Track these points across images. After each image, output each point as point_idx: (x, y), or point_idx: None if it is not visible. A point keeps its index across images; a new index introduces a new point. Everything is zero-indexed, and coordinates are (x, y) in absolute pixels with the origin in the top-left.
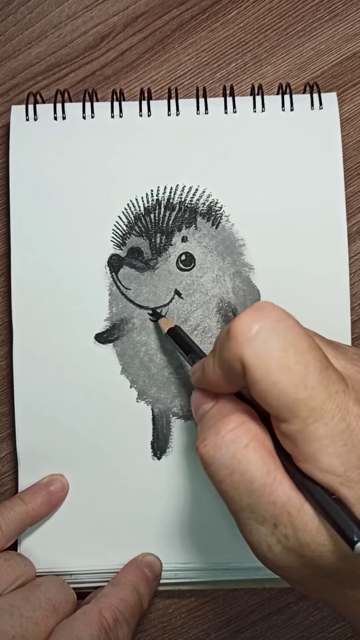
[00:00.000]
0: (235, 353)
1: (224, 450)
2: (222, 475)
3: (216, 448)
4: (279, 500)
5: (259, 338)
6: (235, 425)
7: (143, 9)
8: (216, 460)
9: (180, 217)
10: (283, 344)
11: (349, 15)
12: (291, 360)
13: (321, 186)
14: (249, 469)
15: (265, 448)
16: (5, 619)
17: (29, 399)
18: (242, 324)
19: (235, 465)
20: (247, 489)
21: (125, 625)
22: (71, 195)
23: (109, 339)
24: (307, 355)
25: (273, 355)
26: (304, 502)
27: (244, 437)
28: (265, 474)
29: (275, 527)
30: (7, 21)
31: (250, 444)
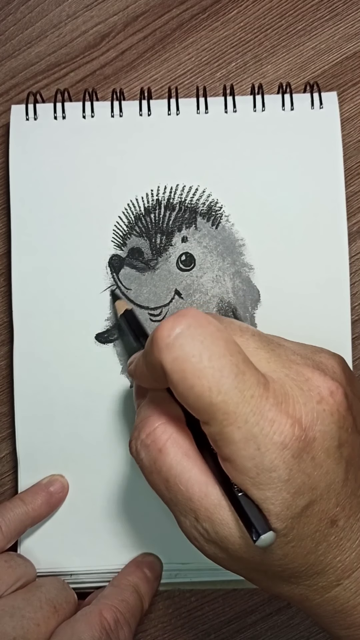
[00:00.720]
0: (156, 357)
1: (143, 453)
2: (144, 473)
3: (137, 450)
4: (195, 496)
5: (176, 344)
6: (152, 428)
7: (143, 8)
8: (139, 460)
9: (180, 217)
10: (199, 349)
11: (350, 15)
12: (205, 365)
13: (321, 186)
14: (162, 469)
15: (179, 448)
16: (6, 620)
17: (29, 399)
18: (163, 330)
19: (152, 466)
20: (165, 486)
21: (126, 626)
22: (71, 195)
23: (109, 338)
24: (222, 360)
25: (188, 361)
26: (222, 498)
27: (159, 440)
28: (179, 473)
29: (196, 520)
30: (7, 20)
31: (165, 445)
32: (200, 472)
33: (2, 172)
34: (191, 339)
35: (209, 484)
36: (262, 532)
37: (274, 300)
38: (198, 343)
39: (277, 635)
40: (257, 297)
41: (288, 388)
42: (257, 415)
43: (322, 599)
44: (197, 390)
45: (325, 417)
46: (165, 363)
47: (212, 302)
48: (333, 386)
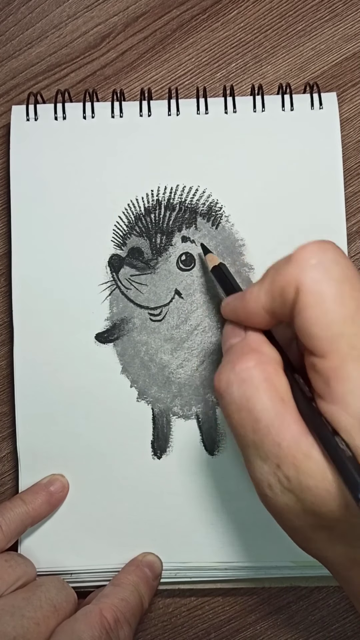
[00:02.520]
0: (292, 277)
1: (235, 387)
2: (230, 410)
3: (229, 383)
4: (285, 442)
5: (321, 266)
6: (251, 365)
7: (143, 9)
8: (227, 395)
9: (181, 218)
10: (342, 277)
11: (349, 15)
12: (346, 293)
13: (321, 186)
14: (256, 408)
15: (276, 391)
16: (6, 619)
17: (30, 398)
18: (307, 251)
19: (243, 403)
20: (252, 427)
21: (126, 626)
22: (72, 195)
23: (109, 338)
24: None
25: (330, 285)
26: (313, 448)
27: (256, 378)
28: (273, 416)
29: (278, 467)
30: (7, 21)
31: (262, 385)
32: (293, 420)
33: (3, 172)
34: (336, 265)
35: (302, 433)
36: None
37: None
38: (341, 271)
39: (277, 634)
40: None
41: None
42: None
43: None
44: (330, 317)
45: None
46: (305, 282)
47: (212, 302)
48: None
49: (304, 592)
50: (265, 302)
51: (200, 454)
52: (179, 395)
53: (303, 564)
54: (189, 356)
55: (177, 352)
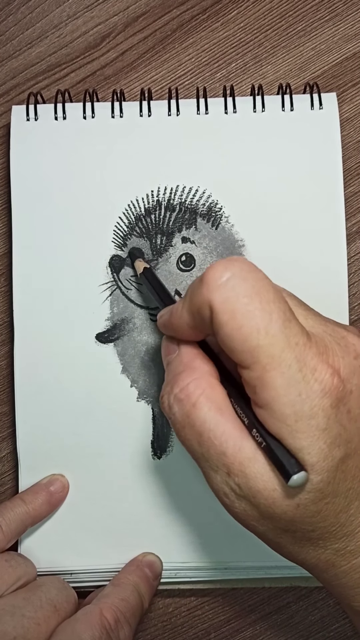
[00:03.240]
0: (205, 298)
1: (176, 408)
2: (177, 429)
3: (170, 405)
4: (229, 450)
5: (229, 285)
6: (185, 384)
7: (143, 9)
8: (171, 415)
9: (181, 218)
10: (250, 292)
11: (349, 15)
12: (256, 307)
13: (321, 186)
14: (196, 423)
15: (213, 403)
16: (6, 619)
17: (30, 398)
18: (215, 271)
19: (185, 420)
20: (197, 441)
21: (126, 626)
22: (72, 196)
23: (109, 338)
24: (272, 305)
25: (239, 302)
26: (256, 451)
27: (193, 394)
28: (213, 427)
29: (228, 475)
30: (7, 21)
31: (199, 400)
32: (233, 427)
33: (3, 172)
34: (243, 282)
35: (243, 438)
36: (296, 471)
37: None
38: (250, 286)
39: (277, 634)
40: None
41: (327, 342)
42: (301, 362)
43: (349, 565)
44: (245, 331)
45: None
46: (215, 303)
47: None
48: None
49: (304, 592)
50: (188, 320)
51: None
52: None
53: None
54: None
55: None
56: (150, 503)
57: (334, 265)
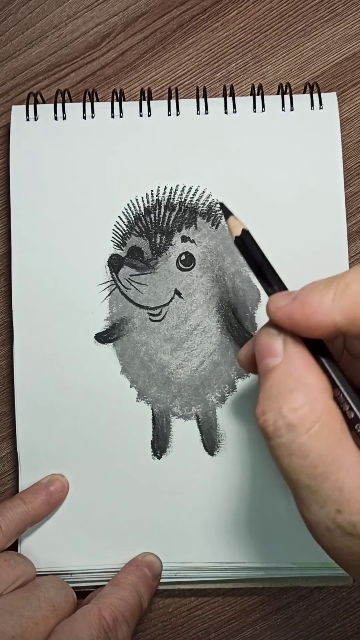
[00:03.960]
0: None
1: (284, 431)
2: (279, 453)
3: (276, 427)
4: (347, 487)
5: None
6: (299, 405)
7: (143, 9)
8: (276, 437)
9: (180, 217)
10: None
11: (349, 15)
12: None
13: (321, 186)
14: (310, 455)
15: (331, 431)
16: (5, 619)
17: (30, 398)
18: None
19: (295, 450)
20: (307, 473)
21: (125, 625)
22: (71, 195)
23: (109, 338)
24: None
25: None
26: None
27: (308, 421)
28: (330, 462)
29: (339, 512)
30: (7, 21)
31: (314, 428)
32: (354, 460)
33: (3, 172)
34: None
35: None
36: None
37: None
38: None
39: (277, 634)
40: (257, 297)
41: None
42: None
43: None
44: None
45: None
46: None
47: (212, 301)
48: None
49: (304, 592)
50: (340, 321)
51: (200, 454)
52: (179, 396)
53: (303, 565)
54: (188, 356)
55: (177, 352)
56: (150, 503)
57: (335, 265)
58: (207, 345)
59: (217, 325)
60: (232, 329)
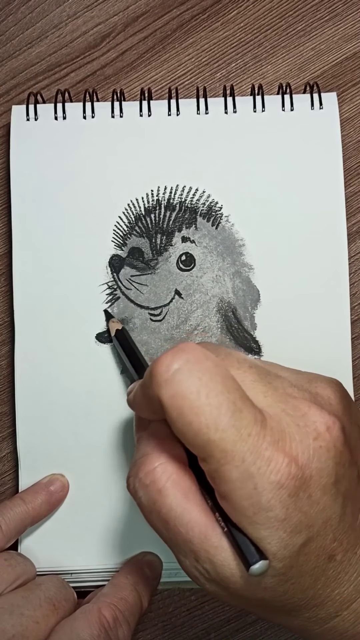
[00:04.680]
0: (154, 392)
1: (141, 492)
2: (144, 513)
3: (135, 489)
4: (195, 538)
5: (174, 379)
6: (151, 468)
7: (143, 8)
8: (137, 499)
9: (181, 218)
10: (197, 386)
11: (349, 15)
12: (203, 402)
13: (321, 186)
14: (162, 510)
15: (179, 489)
16: (5, 618)
17: (30, 398)
18: (161, 365)
19: (151, 506)
20: (164, 527)
21: (125, 625)
22: (72, 196)
23: (109, 338)
24: (220, 398)
25: (186, 397)
26: (222, 538)
27: (159, 480)
28: (179, 515)
29: (197, 561)
30: (7, 21)
31: (165, 487)
32: (200, 514)
33: (3, 172)
34: (189, 375)
35: (209, 526)
36: (254, 561)
37: (274, 300)
38: (196, 379)
39: (277, 634)
40: (257, 297)
41: (285, 425)
42: (254, 454)
43: (322, 629)
44: (194, 427)
45: (321, 454)
46: (163, 398)
47: (212, 302)
48: (330, 421)
49: None
50: (146, 407)
51: None
52: None
53: None
54: None
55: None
56: None
57: (335, 265)
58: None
59: (217, 326)
60: (232, 329)
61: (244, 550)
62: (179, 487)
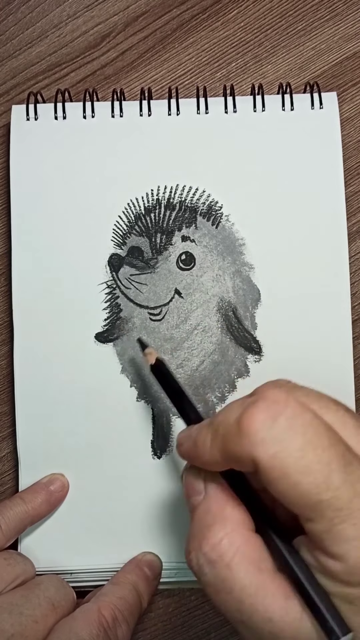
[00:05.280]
0: (247, 451)
1: (207, 569)
2: (209, 592)
3: (199, 565)
4: (276, 615)
5: (275, 438)
6: (217, 540)
7: (143, 8)
8: (201, 576)
9: (181, 217)
10: (301, 444)
11: (349, 15)
12: (311, 460)
13: (321, 186)
14: (234, 589)
15: (250, 563)
16: (4, 617)
17: (30, 398)
18: (255, 421)
19: (219, 585)
20: (237, 608)
21: (124, 624)
22: (72, 195)
23: (109, 338)
24: (329, 453)
25: (291, 456)
26: (303, 610)
27: (226, 555)
28: (254, 592)
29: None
30: (7, 20)
31: (234, 561)
32: (276, 587)
33: (3, 172)
34: (292, 432)
35: (288, 597)
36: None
37: (274, 299)
38: (300, 436)
39: None
40: (257, 296)
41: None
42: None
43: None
44: (303, 488)
45: None
46: (262, 459)
47: (212, 301)
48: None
49: None
50: (221, 460)
51: None
52: None
53: None
54: (188, 356)
55: (177, 352)
56: (150, 503)
57: (335, 264)
58: (207, 345)
59: (217, 325)
60: (232, 328)
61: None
62: (250, 560)
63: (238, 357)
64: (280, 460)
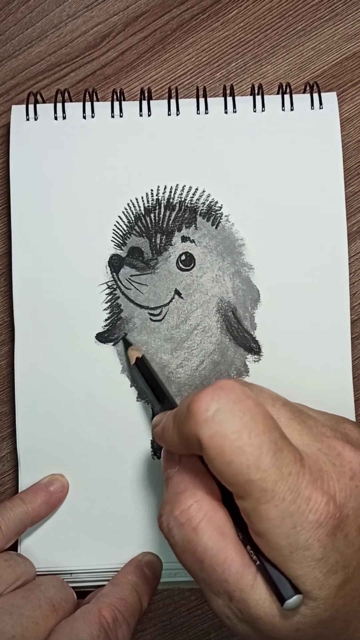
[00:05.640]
0: (192, 431)
1: (175, 531)
2: (177, 552)
3: (169, 527)
4: (231, 578)
5: (215, 419)
6: (186, 506)
7: (143, 8)
8: (170, 538)
9: (180, 217)
10: (238, 426)
11: (349, 15)
12: (244, 442)
13: (321, 186)
14: (197, 549)
15: (215, 528)
16: (5, 618)
17: (30, 398)
18: (200, 403)
19: (186, 545)
20: (199, 567)
21: (124, 625)
22: (71, 195)
23: (109, 338)
24: (262, 437)
25: (227, 437)
26: (256, 577)
27: (194, 519)
28: (215, 554)
29: (230, 600)
30: (7, 20)
31: (200, 525)
32: (236, 552)
33: (3, 172)
34: (231, 415)
35: (244, 564)
36: (290, 595)
37: (274, 299)
38: (237, 419)
39: None
40: (257, 296)
41: (322, 464)
42: (294, 493)
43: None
44: (235, 467)
45: (358, 494)
46: (203, 438)
47: (212, 301)
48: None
49: None
50: (180, 444)
51: None
52: (179, 395)
53: None
54: (188, 356)
55: (177, 352)
56: (150, 503)
57: (335, 264)
58: (207, 345)
59: (217, 325)
60: (232, 329)
61: (278, 585)
62: (215, 526)
63: (237, 357)
64: (218, 440)
